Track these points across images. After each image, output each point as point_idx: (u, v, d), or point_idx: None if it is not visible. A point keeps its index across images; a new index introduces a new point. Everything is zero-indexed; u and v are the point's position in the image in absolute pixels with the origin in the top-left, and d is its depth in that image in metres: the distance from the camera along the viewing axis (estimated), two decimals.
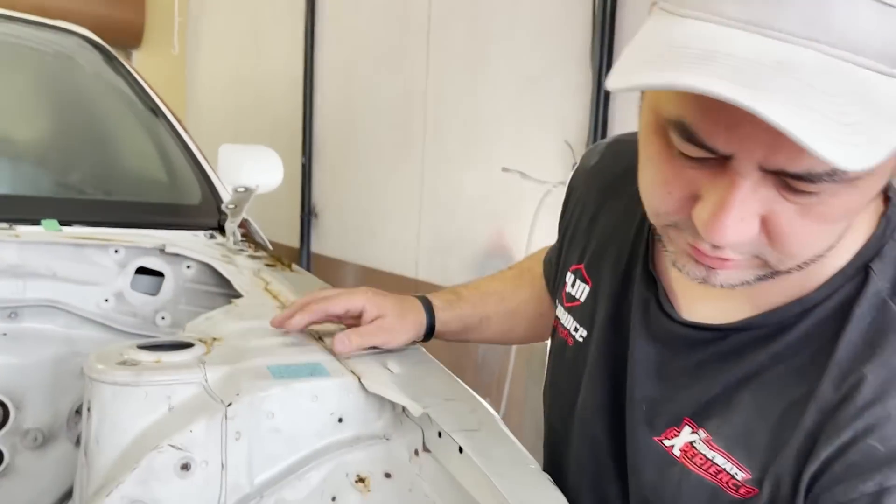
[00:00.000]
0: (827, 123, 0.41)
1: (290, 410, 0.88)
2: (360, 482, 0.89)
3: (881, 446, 0.52)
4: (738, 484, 0.60)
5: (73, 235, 1.26)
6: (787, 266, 0.55)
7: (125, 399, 0.86)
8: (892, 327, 0.55)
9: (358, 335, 0.94)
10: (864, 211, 0.58)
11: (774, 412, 0.59)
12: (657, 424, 0.67)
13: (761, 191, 0.50)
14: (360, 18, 3.63)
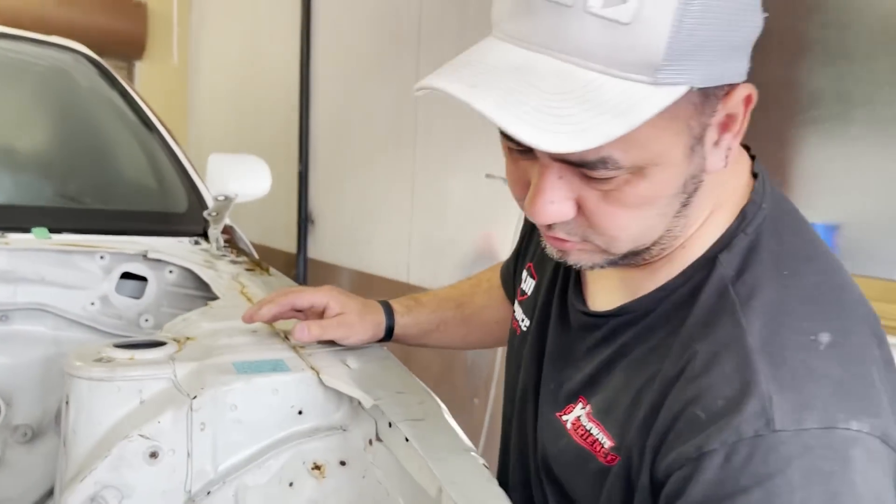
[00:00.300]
0: (535, 115, 0.51)
1: (251, 403, 0.95)
2: (317, 469, 0.95)
3: (703, 414, 0.57)
4: (605, 452, 0.66)
5: (60, 242, 1.34)
6: (617, 249, 0.63)
7: (100, 393, 0.93)
8: (726, 309, 0.61)
9: (318, 326, 1.01)
10: (727, 204, 0.66)
11: (634, 387, 0.65)
12: (560, 401, 0.74)
13: (568, 177, 0.58)
14: (353, 30, 3.71)
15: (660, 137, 0.56)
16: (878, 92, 1.59)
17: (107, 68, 2.05)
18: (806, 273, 0.62)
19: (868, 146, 1.62)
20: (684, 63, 0.53)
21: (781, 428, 0.54)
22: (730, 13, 0.54)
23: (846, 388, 0.57)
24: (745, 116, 0.61)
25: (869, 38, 1.61)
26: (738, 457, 0.54)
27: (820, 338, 0.58)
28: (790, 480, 0.53)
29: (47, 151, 1.78)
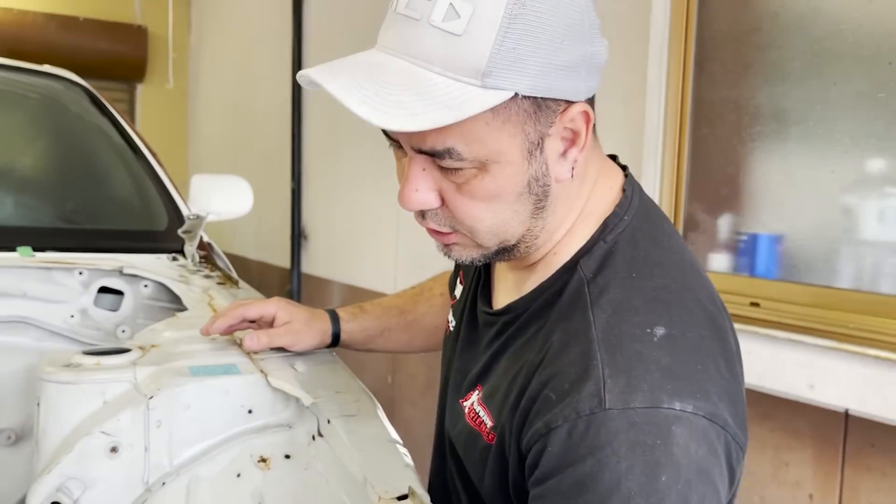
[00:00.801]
0: (375, 99, 0.62)
1: (204, 402, 1.05)
2: (262, 462, 1.05)
3: (553, 395, 0.66)
4: (488, 431, 0.76)
5: (41, 260, 1.45)
6: (485, 241, 0.72)
7: (67, 395, 1.03)
8: (579, 306, 0.70)
9: (266, 335, 1.10)
10: (592, 216, 0.76)
11: (510, 375, 0.75)
12: (463, 390, 0.84)
13: (430, 170, 0.69)
14: (344, 51, 3.82)
15: (496, 136, 0.66)
16: (810, 110, 1.69)
17: (95, 94, 2.16)
18: (653, 276, 0.71)
19: (803, 161, 1.72)
20: (507, 72, 0.63)
21: (611, 406, 0.62)
22: (553, 38, 0.64)
23: (674, 373, 0.64)
24: (588, 133, 0.70)
25: (802, 60, 1.71)
26: (577, 431, 0.63)
27: (655, 331, 0.66)
28: (616, 451, 0.61)
29: (37, 175, 1.89)
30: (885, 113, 1.56)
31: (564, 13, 0.65)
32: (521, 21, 0.62)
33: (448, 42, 0.62)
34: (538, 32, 0.63)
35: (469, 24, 0.62)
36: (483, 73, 0.62)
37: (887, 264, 1.61)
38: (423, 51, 0.63)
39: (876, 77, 1.57)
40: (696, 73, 1.91)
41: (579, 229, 0.76)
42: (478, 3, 0.62)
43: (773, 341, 1.68)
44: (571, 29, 0.65)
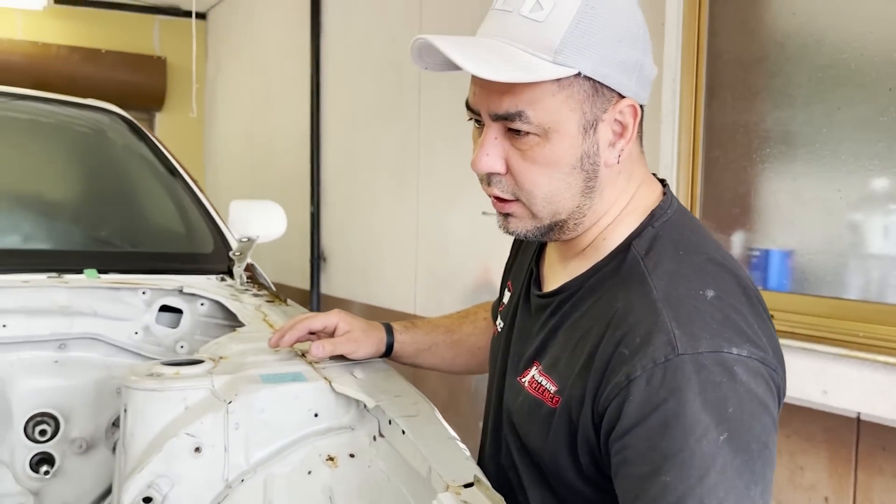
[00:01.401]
0: (472, 58, 0.77)
1: (276, 407, 1.15)
2: (330, 460, 1.15)
3: (626, 350, 0.76)
4: (551, 396, 0.86)
5: (109, 281, 1.56)
6: (540, 209, 0.84)
7: (152, 401, 1.14)
8: (637, 276, 0.82)
9: (330, 343, 1.21)
10: (638, 210, 0.88)
11: (571, 344, 0.85)
12: (520, 368, 0.93)
13: (501, 140, 0.83)
14: (359, 80, 3.98)
15: (559, 107, 0.80)
16: (816, 133, 1.81)
17: (137, 125, 2.29)
18: (695, 254, 0.84)
19: (810, 181, 1.84)
20: (573, 54, 0.78)
21: (683, 352, 0.74)
22: (614, 37, 0.80)
23: (728, 325, 0.76)
24: (635, 127, 0.84)
25: (807, 86, 1.83)
26: (655, 377, 0.74)
27: (706, 293, 0.79)
28: (692, 388, 0.72)
29: (91, 203, 2.02)
30: (886, 135, 1.68)
31: (626, 21, 0.81)
32: (590, 17, 0.78)
33: (531, 27, 0.79)
34: (603, 29, 0.79)
35: (549, 15, 0.78)
36: (555, 52, 0.78)
37: (893, 276, 1.72)
38: (512, 33, 0.79)
39: (877, 102, 1.69)
40: (708, 99, 2.04)
41: (626, 219, 0.88)
42: (558, 0, 0.78)
43: (788, 350, 1.77)
44: (630, 35, 0.81)
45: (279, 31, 4.89)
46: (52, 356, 1.51)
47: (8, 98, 2.07)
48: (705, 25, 2.04)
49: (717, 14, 2.03)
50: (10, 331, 1.47)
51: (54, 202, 2.00)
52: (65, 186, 2.06)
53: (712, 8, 2.03)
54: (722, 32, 2.02)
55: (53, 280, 1.55)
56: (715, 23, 2.03)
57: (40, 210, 1.94)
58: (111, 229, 1.96)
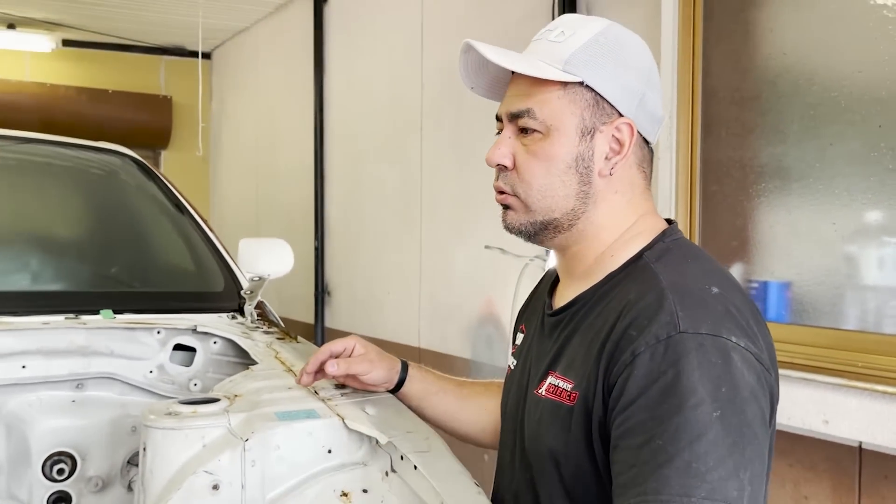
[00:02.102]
0: (502, 57, 0.92)
1: (291, 444, 1.19)
2: (344, 496, 1.18)
3: (634, 331, 0.83)
4: (568, 394, 0.90)
5: (125, 321, 1.60)
6: (534, 202, 0.94)
7: (171, 439, 1.17)
8: (647, 276, 0.89)
9: (345, 362, 1.23)
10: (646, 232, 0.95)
11: (586, 342, 0.90)
12: (536, 382, 0.98)
13: (513, 139, 0.95)
14: (362, 116, 4.06)
15: (562, 109, 0.92)
16: (810, 168, 1.86)
17: (148, 166, 2.35)
18: (703, 263, 0.93)
19: (806, 214, 1.89)
20: (580, 67, 0.91)
21: (684, 330, 0.80)
22: (619, 62, 0.93)
23: (729, 318, 0.83)
24: (631, 146, 0.93)
25: (799, 123, 1.89)
26: (657, 352, 0.80)
27: (711, 288, 0.86)
28: (690, 363, 0.78)
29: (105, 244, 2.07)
30: (877, 170, 1.73)
31: (635, 56, 0.94)
32: (602, 43, 0.92)
33: (552, 46, 0.94)
34: (611, 53, 0.92)
35: (568, 38, 0.93)
36: (565, 62, 0.92)
37: (889, 307, 1.76)
38: (538, 52, 0.95)
39: (868, 138, 1.75)
40: (704, 135, 2.09)
41: (634, 240, 0.95)
42: (576, 30, 0.93)
43: (788, 380, 1.82)
44: (636, 67, 0.94)
45: (283, 69, 4.99)
46: (70, 396, 1.55)
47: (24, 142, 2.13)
48: (700, 64, 2.11)
49: (710, 54, 2.10)
50: (30, 371, 1.51)
51: (71, 244, 2.06)
52: (80, 228, 2.11)
53: (706, 48, 2.10)
54: (716, 71, 2.09)
55: (71, 321, 1.60)
56: (709, 62, 2.10)
57: (58, 252, 1.99)
58: (126, 269, 2.00)
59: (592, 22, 0.95)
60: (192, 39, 5.27)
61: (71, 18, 5.11)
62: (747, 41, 2.01)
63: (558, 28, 0.95)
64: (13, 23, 5.12)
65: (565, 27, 0.94)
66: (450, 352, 3.25)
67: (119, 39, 5.54)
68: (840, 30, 1.82)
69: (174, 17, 5.05)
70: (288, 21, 4.87)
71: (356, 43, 4.12)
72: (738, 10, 2.03)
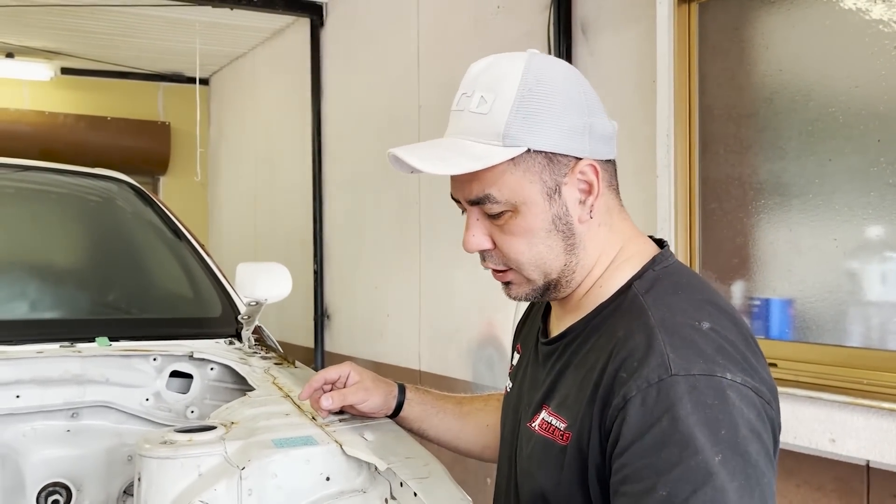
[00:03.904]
0: (436, 161, 0.88)
1: (288, 472, 1.17)
2: None
3: (625, 374, 0.81)
4: (561, 433, 0.89)
5: (121, 349, 1.59)
6: (532, 274, 0.92)
7: (166, 468, 1.15)
8: (637, 309, 0.87)
9: (339, 394, 1.22)
10: (635, 258, 0.94)
11: (579, 380, 0.89)
12: (530, 414, 0.97)
13: (482, 220, 0.92)
14: (360, 140, 4.06)
15: (519, 182, 0.88)
16: (809, 185, 1.85)
17: (145, 192, 2.34)
18: (695, 293, 0.90)
19: (806, 231, 1.87)
20: (519, 134, 0.87)
21: (676, 373, 0.78)
22: (554, 110, 0.88)
23: (723, 354, 0.81)
24: (599, 183, 0.91)
25: (797, 139, 1.88)
26: (649, 397, 0.78)
27: (702, 325, 0.84)
28: (685, 407, 0.76)
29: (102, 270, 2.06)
30: (877, 185, 1.72)
31: (565, 93, 0.89)
32: (528, 100, 0.87)
33: (479, 119, 0.89)
34: (542, 107, 0.88)
35: (492, 107, 0.88)
36: (502, 136, 0.87)
37: (892, 322, 1.74)
38: (464, 129, 0.90)
39: (867, 154, 1.74)
40: (702, 153, 2.09)
41: (622, 266, 0.94)
42: (498, 92, 0.88)
43: (793, 399, 1.79)
44: (572, 104, 0.90)
45: (281, 93, 5.01)
46: (65, 425, 1.53)
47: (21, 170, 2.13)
48: (696, 82, 2.11)
49: (706, 71, 2.10)
50: (24, 401, 1.49)
51: (67, 270, 2.04)
52: (76, 255, 2.10)
53: (702, 65, 2.11)
54: (712, 89, 2.09)
55: (66, 350, 1.58)
56: (705, 80, 2.10)
57: (54, 279, 1.97)
58: (122, 296, 1.99)
59: (506, 69, 0.89)
60: (189, 66, 5.30)
61: (69, 47, 5.14)
62: (743, 58, 2.02)
63: (475, 92, 0.90)
64: (12, 52, 5.15)
65: (483, 90, 0.89)
66: (451, 374, 3.22)
67: (117, 67, 5.57)
68: (836, 45, 1.82)
69: (172, 43, 5.08)
70: (285, 45, 4.90)
71: (353, 66, 4.14)
72: (734, 27, 2.04)
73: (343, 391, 1.23)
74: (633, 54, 2.30)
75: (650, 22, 2.18)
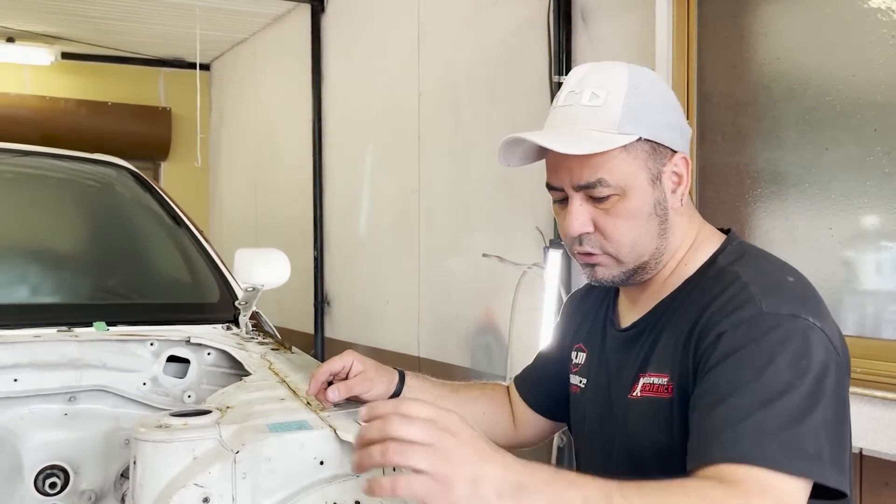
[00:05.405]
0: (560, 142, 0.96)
1: (282, 456, 1.18)
2: None
3: (718, 317, 0.92)
4: (664, 387, 0.98)
5: (118, 333, 1.59)
6: (626, 256, 1.00)
7: (161, 452, 1.16)
8: (727, 275, 0.97)
9: (345, 385, 1.24)
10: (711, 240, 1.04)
11: (674, 339, 0.99)
12: (628, 388, 1.05)
13: (586, 205, 1.00)
14: (361, 126, 4.06)
15: (629, 168, 0.98)
16: (806, 173, 1.85)
17: (144, 178, 2.35)
18: (774, 260, 1.02)
19: (802, 220, 1.88)
20: (632, 124, 0.97)
21: (767, 312, 0.89)
22: (658, 106, 1.00)
23: (806, 302, 0.92)
24: (688, 175, 1.01)
25: (795, 128, 1.88)
26: (741, 329, 0.89)
27: (788, 278, 0.95)
28: (771, 338, 0.87)
29: (100, 255, 2.06)
30: (874, 174, 1.72)
31: (662, 93, 1.02)
32: (637, 95, 0.98)
33: (592, 111, 0.98)
34: (649, 102, 0.99)
35: (605, 99, 0.98)
36: (618, 125, 0.97)
37: (887, 311, 1.75)
38: (578, 120, 0.99)
39: (864, 143, 1.74)
40: (700, 141, 2.09)
41: (701, 247, 1.04)
42: (609, 88, 0.98)
43: None
44: (668, 103, 1.02)
45: (281, 80, 5.00)
46: (62, 409, 1.54)
47: (21, 155, 2.13)
48: (694, 70, 2.11)
49: (705, 60, 2.09)
50: (22, 385, 1.50)
51: (65, 255, 2.05)
52: (74, 240, 2.11)
53: (701, 53, 2.10)
54: (711, 77, 2.08)
55: (63, 334, 1.59)
56: (703, 68, 2.10)
57: (51, 264, 1.98)
58: (120, 281, 2.00)
59: (612, 70, 1.00)
60: (190, 51, 5.29)
61: (70, 31, 5.13)
62: (742, 46, 2.01)
63: (585, 89, 0.99)
64: (12, 36, 5.14)
65: (593, 87, 0.99)
66: (449, 361, 3.24)
67: (118, 52, 5.55)
68: (834, 34, 1.81)
69: (173, 29, 5.07)
70: (286, 32, 4.88)
71: (354, 52, 4.13)
72: (733, 15, 2.03)
73: (348, 383, 1.25)
74: (632, 42, 2.29)
75: (649, 10, 2.18)
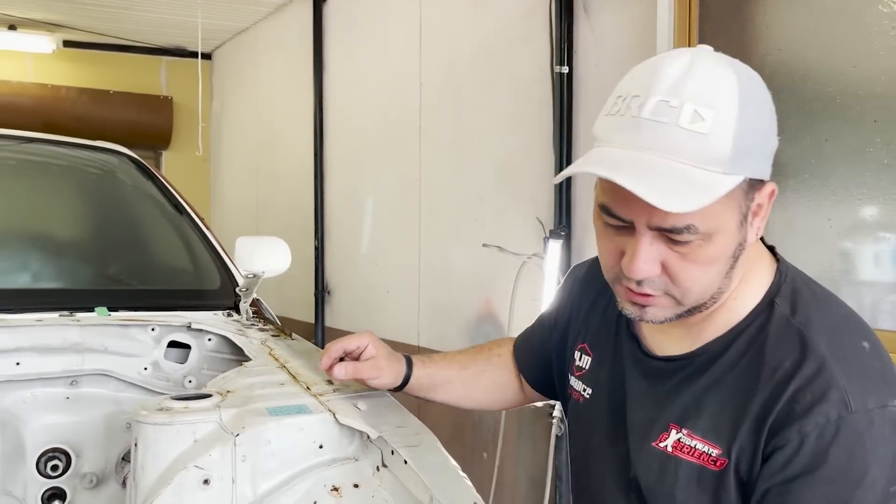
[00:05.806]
0: (653, 189, 0.76)
1: (282, 439, 1.19)
2: (335, 490, 1.19)
3: (797, 406, 0.81)
4: (714, 459, 0.86)
5: (119, 318, 1.61)
6: (690, 301, 0.85)
7: (162, 435, 1.18)
8: (794, 334, 0.85)
9: (353, 365, 1.20)
10: (760, 269, 0.90)
11: (731, 405, 0.86)
12: (652, 434, 0.92)
13: (657, 244, 0.83)
14: (362, 116, 4.06)
15: (723, 212, 0.81)
16: (806, 164, 1.86)
17: (146, 165, 2.35)
18: (833, 305, 0.89)
19: (801, 210, 1.88)
20: (741, 162, 0.79)
21: (856, 410, 0.79)
22: (765, 131, 0.82)
23: (886, 377, 0.82)
24: (769, 205, 0.86)
25: (795, 119, 1.89)
26: (828, 433, 0.79)
27: (863, 345, 0.84)
28: (864, 445, 0.78)
29: (102, 242, 2.07)
30: (873, 166, 1.73)
31: (771, 111, 0.84)
32: (747, 120, 0.79)
33: (696, 140, 0.78)
34: (759, 129, 0.81)
35: (713, 126, 0.77)
36: (726, 163, 0.78)
37: (885, 302, 1.75)
38: (674, 148, 0.78)
39: (863, 134, 1.74)
40: None
41: (754, 280, 0.90)
42: (718, 109, 0.78)
43: None
44: (773, 122, 0.85)
45: (283, 69, 5.00)
46: (64, 392, 1.55)
47: (22, 142, 2.14)
48: None
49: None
50: (24, 368, 1.51)
51: (67, 242, 2.06)
52: (77, 226, 2.12)
53: (702, 43, 2.10)
54: None
55: (65, 318, 1.60)
56: None
57: (53, 250, 1.99)
58: (121, 267, 2.01)
59: (717, 77, 0.80)
60: (192, 40, 5.28)
61: (72, 19, 5.12)
62: (743, 37, 2.01)
63: (685, 103, 0.78)
64: (14, 24, 5.13)
65: (697, 103, 0.78)
66: (448, 350, 3.25)
67: (120, 40, 5.55)
68: (835, 25, 1.81)
69: (174, 17, 5.06)
70: (287, 21, 4.88)
71: (356, 42, 4.12)
72: (734, 6, 2.03)
73: (357, 365, 1.21)
74: (634, 32, 2.29)
75: (651, 0, 2.17)
